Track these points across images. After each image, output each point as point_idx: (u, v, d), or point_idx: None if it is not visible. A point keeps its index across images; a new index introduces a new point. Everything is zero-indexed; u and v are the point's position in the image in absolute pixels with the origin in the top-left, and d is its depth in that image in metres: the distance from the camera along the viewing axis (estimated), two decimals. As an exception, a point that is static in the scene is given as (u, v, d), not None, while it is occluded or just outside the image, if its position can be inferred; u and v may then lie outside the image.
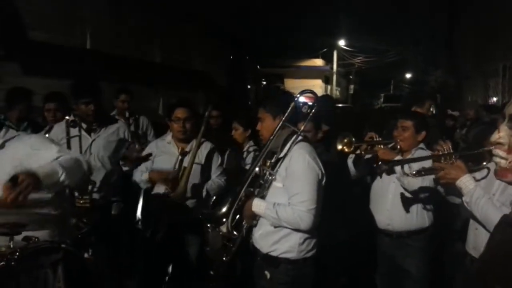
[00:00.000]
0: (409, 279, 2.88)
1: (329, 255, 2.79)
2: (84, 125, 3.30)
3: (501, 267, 0.96)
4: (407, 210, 2.86)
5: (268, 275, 2.27)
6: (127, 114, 4.40)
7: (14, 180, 1.75)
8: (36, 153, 2.07)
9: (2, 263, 1.47)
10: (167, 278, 3.41)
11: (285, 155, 2.25)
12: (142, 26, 7.83)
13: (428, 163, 2.43)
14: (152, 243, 3.29)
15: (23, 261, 1.51)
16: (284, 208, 2.17)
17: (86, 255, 3.49)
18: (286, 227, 2.21)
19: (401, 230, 2.89)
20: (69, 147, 3.22)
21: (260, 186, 2.30)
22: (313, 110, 2.36)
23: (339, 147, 2.64)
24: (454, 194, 2.33)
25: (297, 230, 2.21)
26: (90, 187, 3.03)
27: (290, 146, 2.25)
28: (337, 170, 2.86)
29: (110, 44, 6.81)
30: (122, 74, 6.66)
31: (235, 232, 2.30)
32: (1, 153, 2.07)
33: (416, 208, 2.87)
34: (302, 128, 2.32)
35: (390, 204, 2.91)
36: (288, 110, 2.24)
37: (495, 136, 1.06)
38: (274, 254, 2.26)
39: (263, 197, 2.28)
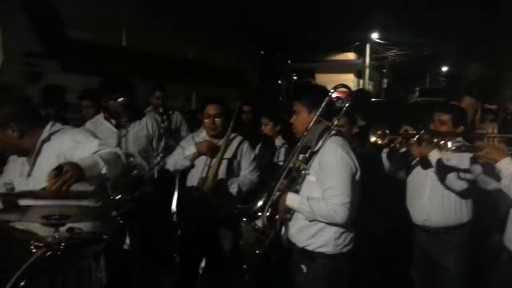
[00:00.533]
0: (448, 276, 2.81)
1: (361, 250, 2.75)
2: (113, 121, 3.39)
3: None
4: (444, 205, 2.79)
5: (305, 269, 2.29)
6: (161, 110, 4.50)
7: (58, 170, 1.82)
8: (79, 146, 2.15)
9: (49, 253, 1.54)
10: (201, 271, 3.48)
11: (319, 149, 2.24)
12: (175, 24, 7.96)
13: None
14: (187, 236, 3.36)
15: (68, 252, 1.58)
16: (318, 202, 2.17)
17: (125, 246, 3.62)
18: (321, 221, 2.21)
19: (438, 226, 2.83)
20: None
21: (294, 180, 2.30)
22: (347, 105, 2.33)
23: (373, 139, 2.59)
24: (489, 174, 2.25)
25: (332, 224, 2.20)
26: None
27: (324, 140, 2.25)
28: (372, 164, 2.82)
29: (145, 42, 6.96)
30: (155, 71, 6.81)
31: (269, 226, 2.31)
32: (47, 145, 2.17)
33: (454, 202, 2.79)
34: (335, 122, 2.30)
35: (427, 199, 2.84)
36: (323, 105, 2.23)
37: None
38: (310, 248, 2.27)
39: (296, 191, 2.29)
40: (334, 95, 2.36)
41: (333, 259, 2.25)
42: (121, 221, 2.73)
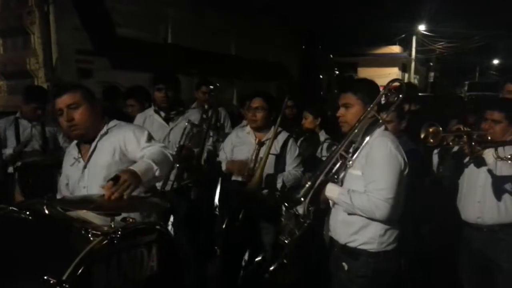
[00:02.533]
0: (502, 275, 2.69)
1: (408, 249, 2.69)
2: (162, 114, 3.49)
3: None
4: (498, 202, 2.66)
5: (346, 267, 2.23)
6: (206, 106, 4.54)
7: (115, 180, 1.88)
8: (131, 142, 2.25)
9: (106, 241, 1.62)
10: (244, 264, 3.53)
11: (366, 143, 2.19)
12: (219, 21, 8.06)
13: None
14: (230, 229, 3.41)
15: (123, 240, 1.65)
16: (360, 195, 2.12)
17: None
18: (360, 215, 2.15)
19: (493, 224, 2.70)
20: None
21: (337, 173, 2.25)
22: (400, 99, 2.27)
23: (423, 135, 2.49)
24: None
25: (374, 220, 2.14)
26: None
27: (372, 134, 2.20)
28: (420, 161, 2.74)
29: (190, 39, 7.10)
30: (200, 66, 6.93)
31: (309, 215, 2.29)
32: (104, 140, 2.28)
33: (509, 200, 2.65)
34: (385, 117, 2.25)
35: (481, 196, 2.72)
36: (381, 99, 2.20)
37: None
38: (352, 245, 2.21)
39: (338, 183, 2.25)
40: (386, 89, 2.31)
41: (377, 257, 2.18)
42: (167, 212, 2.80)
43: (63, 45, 5.44)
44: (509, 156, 2.26)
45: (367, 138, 2.20)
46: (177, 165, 3.20)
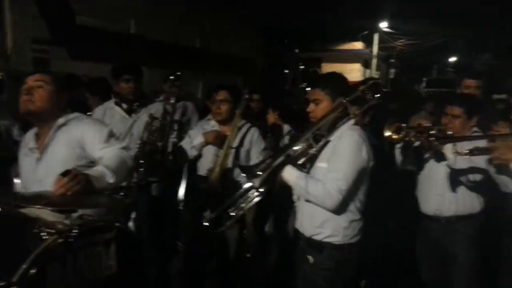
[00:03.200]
0: (457, 266, 2.80)
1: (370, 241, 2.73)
2: (124, 106, 3.37)
3: None
4: (457, 194, 2.77)
5: (311, 260, 2.26)
6: (172, 100, 4.42)
7: (66, 175, 1.84)
8: (88, 138, 2.18)
9: (61, 239, 1.53)
10: (208, 259, 3.49)
11: (334, 136, 2.23)
12: (183, 13, 7.90)
13: (482, 144, 2.36)
14: (194, 225, 3.36)
15: (79, 238, 1.57)
16: (316, 182, 2.14)
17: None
18: (312, 202, 2.18)
19: (450, 215, 2.81)
20: None
21: (299, 157, 2.26)
22: (375, 100, 2.32)
23: (387, 133, 2.56)
24: (506, 175, 2.23)
25: (333, 212, 2.17)
26: None
27: (341, 128, 2.23)
28: (383, 156, 2.79)
29: (152, 29, 6.91)
30: (164, 58, 6.78)
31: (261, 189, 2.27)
32: (61, 131, 2.20)
33: (466, 192, 2.77)
34: (357, 113, 2.28)
35: (441, 188, 2.82)
36: (355, 94, 2.24)
37: None
38: (317, 238, 2.24)
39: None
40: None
41: (341, 249, 2.22)
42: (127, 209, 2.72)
43: (18, 34, 5.17)
44: (466, 151, 2.34)
45: (336, 132, 2.23)
46: (141, 161, 3.10)
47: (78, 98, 4.28)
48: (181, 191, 4.48)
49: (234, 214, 2.42)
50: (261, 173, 2.15)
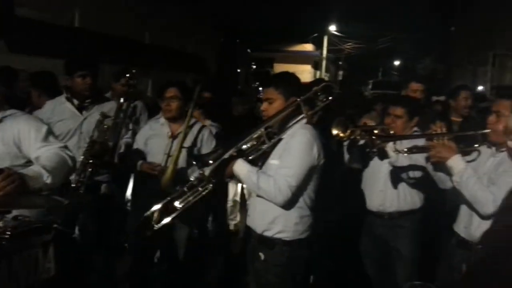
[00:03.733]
0: (399, 261, 2.92)
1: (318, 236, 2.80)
2: (75, 102, 3.21)
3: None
4: (399, 190, 2.90)
5: (263, 257, 2.27)
6: (122, 99, 4.27)
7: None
8: (25, 137, 2.07)
9: (-8, 242, 1.44)
10: (156, 260, 3.42)
11: (287, 134, 2.26)
12: (131, 6, 7.67)
13: (421, 142, 2.49)
14: (142, 226, 3.27)
15: (14, 241, 1.48)
16: (268, 177, 2.17)
17: (74, 234, 3.47)
18: (263, 197, 2.20)
19: (393, 211, 2.93)
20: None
21: (252, 152, 2.27)
22: (327, 101, 2.39)
23: (334, 132, 2.63)
24: (443, 172, 2.35)
25: (274, 203, 2.19)
26: None
27: (293, 126, 2.26)
28: (332, 154, 2.86)
29: (99, 23, 6.64)
30: (110, 54, 6.53)
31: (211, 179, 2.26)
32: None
33: (407, 189, 2.90)
34: (309, 113, 2.31)
35: (383, 185, 2.94)
36: (309, 94, 2.28)
37: None
38: (268, 234, 2.25)
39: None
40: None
41: (291, 245, 2.24)
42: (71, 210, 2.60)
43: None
44: (406, 149, 2.45)
45: (289, 130, 2.26)
46: (90, 160, 2.97)
47: (17, 93, 4.04)
48: (129, 191, 4.36)
49: (180, 206, 2.37)
50: (212, 162, 2.14)
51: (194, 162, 2.46)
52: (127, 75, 4.23)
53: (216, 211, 3.94)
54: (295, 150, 2.19)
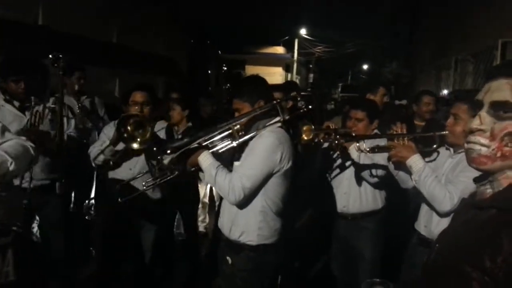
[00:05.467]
0: (363, 261, 2.98)
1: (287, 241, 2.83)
2: (16, 104, 3.12)
3: (466, 246, 1.00)
4: (361, 192, 2.97)
5: (230, 261, 2.25)
6: (76, 88, 4.23)
7: None
8: None
9: None
10: (122, 264, 3.37)
11: (256, 135, 2.22)
12: (99, 5, 7.49)
13: (383, 143, 2.57)
14: (107, 228, 3.22)
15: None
16: (226, 174, 2.13)
17: (34, 238, 3.38)
18: (219, 192, 2.19)
19: (356, 212, 3.00)
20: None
21: (217, 145, 2.25)
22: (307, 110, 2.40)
23: (299, 133, 2.67)
24: (404, 171, 2.43)
25: (227, 201, 2.19)
26: None
27: (264, 128, 2.22)
28: (299, 157, 2.90)
29: (64, 22, 6.45)
30: (77, 53, 6.36)
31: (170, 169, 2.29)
32: None
33: (370, 190, 2.98)
34: (286, 118, 2.28)
35: (347, 187, 3.00)
36: (287, 98, 2.33)
37: (475, 123, 1.05)
38: (234, 238, 2.23)
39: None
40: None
41: (257, 251, 2.20)
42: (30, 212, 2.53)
43: None
44: (368, 149, 2.53)
45: (261, 131, 2.22)
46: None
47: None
48: (92, 194, 4.27)
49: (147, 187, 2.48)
50: (170, 151, 2.12)
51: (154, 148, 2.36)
52: (78, 70, 4.26)
53: (186, 213, 3.91)
54: (256, 152, 2.16)
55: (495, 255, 0.91)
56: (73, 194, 4.17)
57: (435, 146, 2.40)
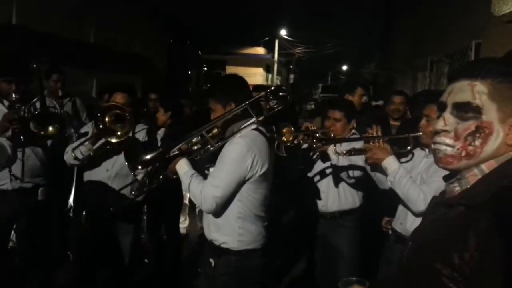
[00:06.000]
0: (342, 259, 3.02)
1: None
2: (6, 103, 3.07)
3: (436, 244, 1.02)
4: (339, 191, 3.01)
5: (213, 263, 2.24)
6: (60, 94, 4.20)
7: None
8: None
9: None
10: (100, 267, 3.31)
11: (230, 139, 2.17)
12: (75, 4, 7.35)
13: (359, 145, 2.61)
14: (85, 231, 3.16)
15: None
16: (199, 183, 2.12)
17: (10, 243, 3.30)
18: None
19: (334, 211, 3.04)
20: None
21: (195, 152, 2.27)
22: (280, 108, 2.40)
23: (279, 134, 2.68)
24: (381, 173, 2.48)
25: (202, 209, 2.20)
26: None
27: (240, 131, 2.18)
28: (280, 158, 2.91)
29: (39, 21, 6.30)
30: (52, 53, 6.23)
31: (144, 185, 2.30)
32: None
33: (348, 189, 3.02)
34: (261, 118, 2.23)
35: (326, 186, 3.04)
36: (255, 98, 2.22)
37: (440, 124, 1.07)
38: (216, 243, 2.21)
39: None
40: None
41: (239, 255, 2.16)
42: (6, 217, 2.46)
43: None
44: (345, 152, 2.59)
45: (237, 134, 2.17)
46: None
47: None
48: (71, 198, 4.19)
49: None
50: (141, 167, 2.11)
51: (126, 164, 2.31)
52: (56, 72, 4.22)
53: (169, 214, 3.86)
54: (225, 161, 2.12)
55: (463, 252, 0.93)
56: (71, 199, 4.14)
57: (409, 147, 2.45)
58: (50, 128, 2.98)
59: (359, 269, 2.99)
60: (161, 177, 2.33)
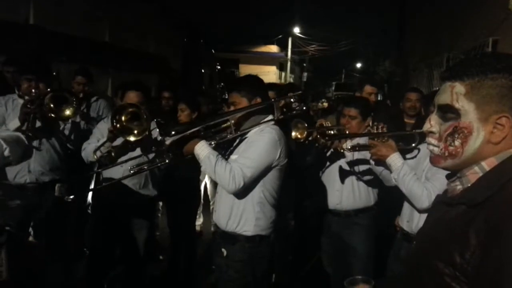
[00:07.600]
0: (355, 257, 3.01)
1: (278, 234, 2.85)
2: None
3: (438, 243, 1.02)
4: (354, 189, 3.00)
5: (225, 253, 2.30)
6: (81, 95, 4.22)
7: None
8: None
9: None
10: (115, 262, 3.37)
11: (252, 132, 2.31)
12: (91, 4, 7.46)
13: (364, 141, 2.62)
14: (100, 227, 3.22)
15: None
16: (226, 164, 2.17)
17: (30, 238, 3.37)
18: (217, 180, 2.22)
19: (349, 209, 3.03)
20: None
21: (216, 135, 2.33)
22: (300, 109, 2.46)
23: (293, 133, 2.71)
24: (387, 169, 2.47)
25: (226, 190, 2.22)
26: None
27: (259, 125, 2.31)
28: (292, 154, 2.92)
29: (55, 21, 6.41)
30: (68, 53, 6.34)
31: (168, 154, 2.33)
32: None
33: (362, 187, 3.01)
34: (280, 116, 2.37)
35: (339, 185, 3.03)
36: (284, 98, 2.41)
37: (426, 126, 1.11)
38: (230, 229, 2.29)
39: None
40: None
41: (253, 241, 2.26)
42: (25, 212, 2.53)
43: None
44: (348, 147, 2.61)
45: (256, 128, 2.31)
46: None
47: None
48: (90, 195, 4.25)
49: (133, 171, 2.52)
50: (174, 133, 2.15)
51: (157, 129, 2.37)
52: (82, 74, 4.27)
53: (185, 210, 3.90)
54: (259, 145, 2.23)
55: (464, 251, 0.94)
56: (90, 196, 4.20)
57: (414, 144, 2.45)
58: (67, 111, 3.03)
59: (374, 267, 2.98)
60: (171, 156, 2.35)
